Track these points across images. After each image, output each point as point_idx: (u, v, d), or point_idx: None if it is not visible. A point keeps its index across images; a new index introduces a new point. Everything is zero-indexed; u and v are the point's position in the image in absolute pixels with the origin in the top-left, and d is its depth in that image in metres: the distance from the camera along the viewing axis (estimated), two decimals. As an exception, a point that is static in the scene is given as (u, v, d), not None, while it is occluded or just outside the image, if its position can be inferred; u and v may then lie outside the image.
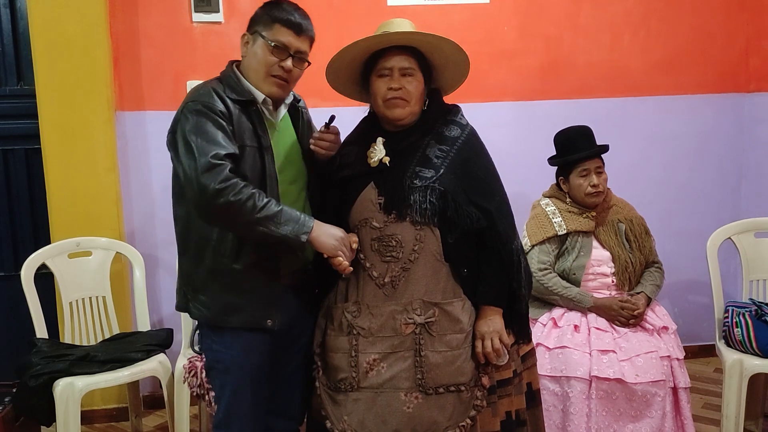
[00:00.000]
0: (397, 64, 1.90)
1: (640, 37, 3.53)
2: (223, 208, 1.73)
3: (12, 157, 3.21)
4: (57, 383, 2.54)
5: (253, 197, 1.75)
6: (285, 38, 1.88)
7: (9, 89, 3.17)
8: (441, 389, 1.83)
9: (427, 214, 1.84)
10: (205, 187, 1.72)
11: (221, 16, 3.19)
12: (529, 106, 3.47)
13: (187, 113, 1.82)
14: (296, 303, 2.02)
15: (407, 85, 1.89)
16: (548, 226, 2.64)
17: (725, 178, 3.68)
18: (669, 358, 2.46)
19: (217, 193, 1.71)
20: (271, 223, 1.77)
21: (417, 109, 1.93)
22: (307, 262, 2.01)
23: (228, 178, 1.73)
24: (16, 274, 2.83)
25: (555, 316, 2.58)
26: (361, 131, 2.04)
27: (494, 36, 3.40)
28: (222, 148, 1.76)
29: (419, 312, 1.85)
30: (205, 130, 1.78)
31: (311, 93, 2.29)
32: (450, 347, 1.85)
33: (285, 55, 1.89)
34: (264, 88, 1.91)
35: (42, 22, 2.96)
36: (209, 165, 1.72)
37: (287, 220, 1.79)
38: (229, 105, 1.85)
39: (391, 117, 1.93)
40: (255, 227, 1.77)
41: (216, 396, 1.99)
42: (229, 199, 1.72)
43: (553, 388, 2.43)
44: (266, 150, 1.88)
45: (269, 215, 1.76)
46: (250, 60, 1.92)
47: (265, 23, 1.89)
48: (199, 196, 1.74)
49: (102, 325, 2.96)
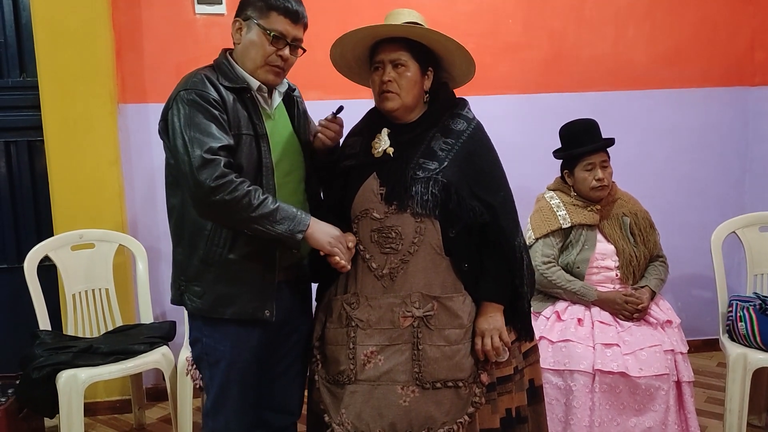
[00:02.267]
0: (386, 56, 1.88)
1: (645, 30, 3.51)
2: (219, 205, 1.72)
3: (15, 149, 3.20)
4: (60, 375, 2.54)
5: (249, 195, 1.73)
6: (282, 27, 1.85)
7: (11, 81, 3.16)
8: (438, 384, 1.82)
9: (428, 205, 1.83)
10: (201, 184, 1.70)
11: (224, 8, 3.17)
12: (534, 99, 3.46)
13: (179, 102, 1.79)
14: (291, 297, 2.00)
15: (398, 78, 1.87)
16: (552, 219, 2.63)
17: (730, 171, 3.66)
18: (673, 351, 2.45)
19: (212, 190, 1.70)
20: (267, 221, 1.75)
21: (410, 100, 1.90)
22: (302, 257, 2.00)
23: (223, 175, 1.71)
24: (19, 266, 2.83)
25: (558, 309, 2.58)
26: (367, 122, 2.02)
27: (499, 29, 3.39)
28: (216, 141, 1.74)
29: (418, 305, 1.84)
30: (197, 122, 1.75)
31: (313, 86, 2.29)
32: (448, 342, 1.84)
33: (282, 44, 1.87)
34: (260, 75, 1.88)
35: (44, 14, 2.95)
36: (203, 161, 1.71)
37: (283, 218, 1.77)
38: (223, 92, 1.82)
39: (383, 110, 1.92)
40: (250, 225, 1.76)
41: (205, 385, 1.98)
42: (225, 197, 1.71)
43: (557, 381, 2.42)
44: (262, 138, 1.86)
45: (265, 213, 1.75)
46: (247, 48, 1.88)
47: (260, 10, 1.85)
48: (195, 192, 1.74)
49: (105, 317, 2.97)
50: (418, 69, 1.90)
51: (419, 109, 1.95)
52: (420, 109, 1.95)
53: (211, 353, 1.93)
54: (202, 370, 1.98)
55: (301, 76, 2.12)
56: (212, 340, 1.93)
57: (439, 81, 1.98)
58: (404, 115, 1.93)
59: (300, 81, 2.11)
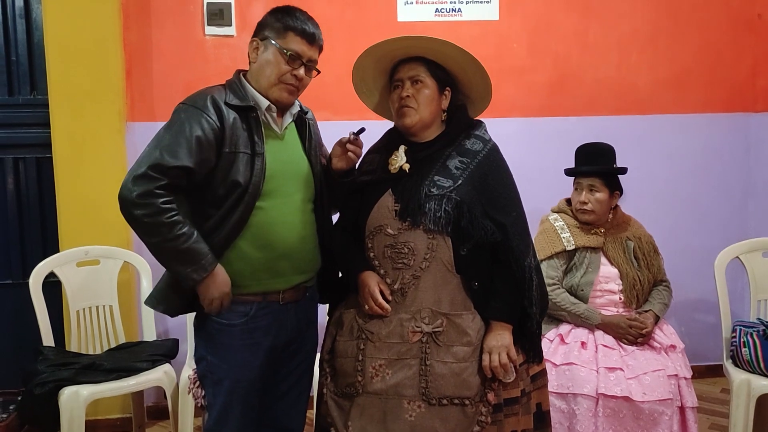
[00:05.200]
0: (405, 74, 1.95)
1: (648, 55, 3.54)
2: (136, 219, 1.77)
3: (23, 166, 3.23)
4: (62, 391, 2.53)
5: (166, 226, 1.76)
6: (298, 47, 1.90)
7: (22, 99, 3.20)
8: (445, 401, 1.82)
9: (441, 222, 1.85)
10: (129, 191, 1.75)
11: (234, 29, 3.22)
12: (537, 123, 3.49)
13: (174, 113, 1.86)
14: (296, 317, 2.01)
15: (416, 94, 1.93)
16: (556, 241, 2.64)
17: (732, 196, 3.67)
18: (676, 376, 2.44)
19: (134, 203, 1.75)
20: (170, 256, 1.81)
21: (427, 116, 1.94)
22: (307, 279, 2.02)
23: (149, 194, 1.75)
24: (24, 282, 2.84)
25: (562, 332, 2.58)
26: (386, 140, 2.06)
27: (503, 52, 3.43)
28: (174, 159, 1.77)
29: (427, 321, 1.85)
30: (169, 136, 1.80)
31: (322, 106, 2.31)
32: (456, 359, 1.84)
33: (298, 64, 1.91)
34: (273, 94, 1.92)
35: (57, 33, 2.99)
36: (142, 174, 1.75)
37: (187, 260, 1.80)
38: (224, 111, 1.85)
39: (402, 125, 1.96)
40: (155, 251, 1.82)
41: (208, 403, 1.99)
42: (143, 217, 1.76)
43: (560, 405, 2.41)
44: (258, 156, 1.87)
45: (172, 248, 1.79)
46: (263, 66, 1.92)
47: (278, 31, 1.90)
48: (121, 193, 1.78)
49: (108, 334, 2.96)
50: (435, 87, 1.95)
51: (436, 128, 1.99)
52: (437, 128, 1.99)
53: (215, 371, 1.94)
54: (205, 388, 1.99)
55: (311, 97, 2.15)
56: (216, 359, 1.94)
57: (456, 103, 2.02)
58: (421, 132, 1.97)
59: (309, 102, 2.14)
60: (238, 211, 1.85)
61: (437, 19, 3.36)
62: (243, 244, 1.88)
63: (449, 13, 3.38)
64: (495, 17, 3.41)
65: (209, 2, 3.19)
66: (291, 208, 1.94)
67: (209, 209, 1.87)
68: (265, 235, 1.89)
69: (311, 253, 2.00)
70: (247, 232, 1.88)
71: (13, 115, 3.19)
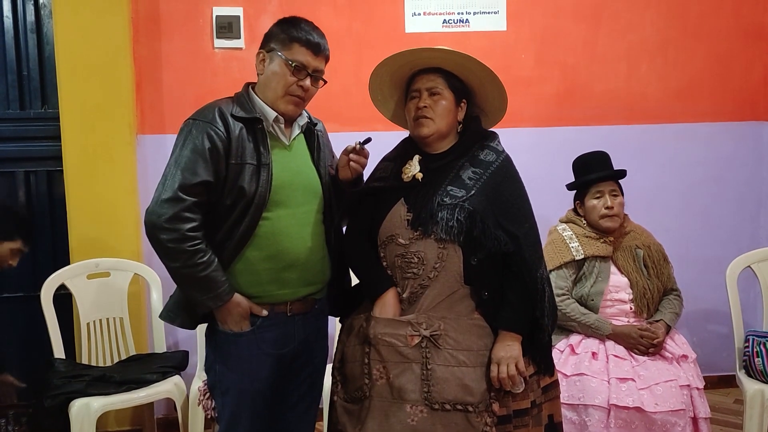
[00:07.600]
0: (423, 85, 1.96)
1: (658, 64, 3.53)
2: (160, 243, 1.80)
3: (34, 179, 3.26)
4: (73, 403, 2.54)
5: (188, 253, 1.80)
6: (304, 58, 1.90)
7: (33, 112, 3.23)
8: (447, 406, 1.81)
9: (453, 231, 1.85)
10: (159, 215, 1.79)
11: (242, 42, 3.24)
12: (546, 133, 3.48)
13: (184, 129, 1.88)
14: (303, 331, 2.01)
15: (433, 105, 1.94)
16: (565, 251, 2.63)
17: (744, 205, 3.64)
18: (689, 387, 2.42)
19: (161, 228, 1.78)
20: (188, 282, 1.85)
21: (443, 127, 1.95)
22: (315, 290, 2.02)
23: (177, 219, 1.78)
24: (35, 295, 2.86)
25: (573, 342, 2.56)
26: (401, 150, 2.07)
27: (511, 63, 3.43)
28: (193, 177, 1.81)
29: (425, 325, 1.85)
30: (186, 154, 1.83)
31: (330, 117, 2.31)
32: (457, 363, 1.83)
33: (304, 75, 1.91)
34: (280, 106, 1.93)
35: (68, 47, 3.02)
36: (168, 198, 1.79)
37: (203, 288, 1.84)
38: (230, 123, 1.86)
39: (418, 135, 1.97)
40: (174, 275, 1.86)
41: (217, 414, 2.00)
42: (168, 242, 1.79)
43: (571, 416, 2.39)
44: (264, 167, 1.88)
45: (190, 275, 1.82)
46: (269, 78, 1.93)
47: (283, 42, 1.91)
48: (149, 217, 1.81)
49: (119, 346, 2.98)
50: (452, 98, 1.97)
51: (451, 138, 2.00)
52: (452, 139, 2.00)
53: (223, 380, 1.95)
54: (214, 398, 2.00)
55: (318, 108, 2.16)
56: (225, 368, 1.95)
57: (470, 115, 2.03)
58: (436, 142, 1.98)
59: (316, 112, 2.15)
60: (245, 222, 1.86)
61: (445, 30, 3.36)
62: (250, 255, 1.89)
63: (457, 24, 3.38)
64: (503, 28, 3.41)
65: (218, 15, 3.21)
66: (299, 219, 1.95)
67: (218, 221, 1.88)
68: (272, 246, 1.89)
69: (319, 265, 2.00)
70: (254, 242, 1.88)
71: (24, 129, 3.22)
